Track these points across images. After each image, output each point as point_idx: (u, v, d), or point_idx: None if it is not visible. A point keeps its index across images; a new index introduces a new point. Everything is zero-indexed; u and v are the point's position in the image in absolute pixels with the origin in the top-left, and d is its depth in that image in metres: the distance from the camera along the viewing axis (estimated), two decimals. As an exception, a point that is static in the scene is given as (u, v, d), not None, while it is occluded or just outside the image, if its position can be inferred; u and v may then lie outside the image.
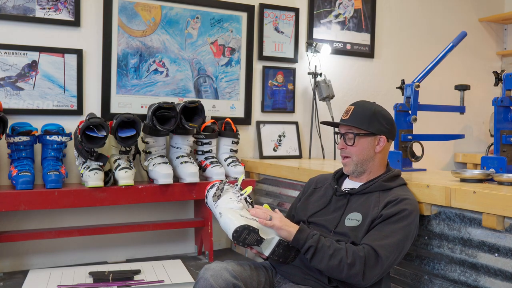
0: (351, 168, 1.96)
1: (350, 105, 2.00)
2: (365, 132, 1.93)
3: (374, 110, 1.96)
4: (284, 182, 3.10)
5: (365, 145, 1.93)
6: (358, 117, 1.93)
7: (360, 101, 2.01)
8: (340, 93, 3.88)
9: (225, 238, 3.52)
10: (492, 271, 1.76)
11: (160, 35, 3.27)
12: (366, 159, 1.94)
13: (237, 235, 1.67)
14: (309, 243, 1.71)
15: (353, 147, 1.93)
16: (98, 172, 2.78)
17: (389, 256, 1.74)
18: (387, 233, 1.76)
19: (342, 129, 1.98)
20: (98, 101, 3.12)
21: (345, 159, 1.97)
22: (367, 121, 1.92)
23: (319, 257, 1.71)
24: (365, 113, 1.94)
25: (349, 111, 1.96)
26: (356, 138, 1.92)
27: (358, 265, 1.69)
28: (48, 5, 2.98)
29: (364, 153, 1.94)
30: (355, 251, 1.71)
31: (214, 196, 1.87)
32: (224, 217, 1.75)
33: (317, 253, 1.71)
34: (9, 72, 2.91)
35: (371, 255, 1.72)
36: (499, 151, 2.19)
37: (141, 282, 2.59)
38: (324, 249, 1.71)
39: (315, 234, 1.74)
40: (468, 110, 2.88)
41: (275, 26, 3.67)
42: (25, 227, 2.94)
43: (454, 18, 4.41)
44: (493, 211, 1.73)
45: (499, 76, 2.34)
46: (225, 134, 3.28)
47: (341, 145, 1.97)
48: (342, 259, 1.69)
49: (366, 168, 1.96)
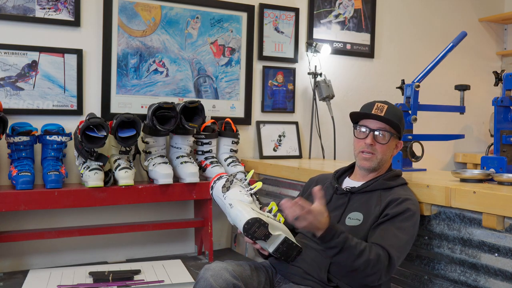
0: (374, 165, 1.92)
1: (379, 102, 1.92)
2: (398, 134, 1.93)
3: (402, 114, 1.96)
4: (284, 182, 3.10)
5: (391, 146, 1.93)
6: (394, 117, 1.89)
7: (388, 102, 1.95)
8: (340, 93, 3.88)
9: (225, 238, 3.52)
10: (492, 271, 1.76)
11: (160, 35, 3.27)
12: (386, 160, 1.94)
13: (248, 227, 1.66)
14: (335, 243, 1.66)
15: (383, 146, 1.90)
16: (98, 172, 2.78)
17: (400, 256, 1.75)
18: (394, 233, 1.76)
19: (374, 125, 1.90)
20: (98, 101, 3.12)
21: (368, 155, 1.91)
22: (400, 124, 1.91)
23: (344, 257, 1.67)
24: (398, 115, 1.93)
25: (383, 109, 1.89)
26: (391, 138, 1.91)
27: (379, 265, 1.69)
28: (48, 5, 2.98)
29: (388, 153, 1.93)
30: (377, 251, 1.69)
31: (224, 187, 1.86)
32: (235, 208, 1.75)
33: (342, 253, 1.66)
34: (9, 72, 2.91)
35: (385, 255, 1.71)
36: (499, 151, 2.19)
37: (141, 282, 2.59)
38: (350, 250, 1.66)
39: (343, 232, 1.67)
40: (468, 110, 2.88)
41: (275, 26, 3.67)
42: (25, 227, 2.94)
43: (454, 18, 4.41)
44: (493, 211, 1.73)
45: (499, 76, 2.34)
46: (225, 134, 3.28)
47: (371, 141, 1.90)
48: (368, 260, 1.66)
49: (382, 168, 1.95)
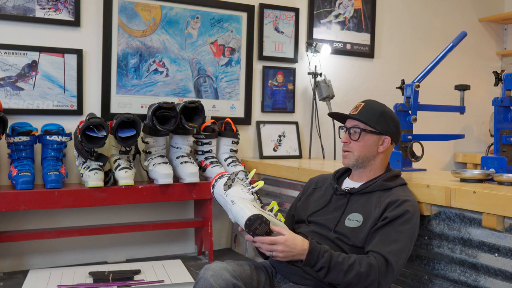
0: (351, 162, 1.96)
1: (360, 101, 1.99)
2: (371, 130, 1.93)
3: (384, 110, 1.96)
4: (284, 182, 3.10)
5: (369, 142, 1.93)
6: (367, 114, 1.93)
7: (370, 100, 2.01)
8: (340, 93, 3.88)
9: (225, 238, 3.52)
10: (492, 271, 1.76)
11: (160, 35, 3.27)
12: (367, 157, 1.94)
13: (250, 223, 1.68)
14: (321, 264, 1.69)
15: (357, 142, 1.93)
16: (98, 172, 2.78)
17: (398, 261, 1.75)
18: (394, 237, 1.76)
19: (349, 123, 1.97)
20: (98, 101, 3.12)
21: (346, 152, 1.97)
22: (375, 119, 1.93)
23: (334, 275, 1.69)
24: (374, 111, 1.94)
25: (359, 107, 1.95)
26: (362, 134, 1.92)
27: (373, 275, 1.69)
28: (48, 5, 2.98)
29: (367, 150, 1.93)
30: (368, 262, 1.70)
31: (225, 185, 1.87)
32: (237, 205, 1.76)
33: (331, 272, 1.69)
34: (9, 72, 2.91)
35: (382, 263, 1.71)
36: (499, 151, 2.19)
37: (141, 282, 2.59)
38: (337, 266, 1.69)
39: (326, 251, 1.70)
40: (468, 110, 2.88)
41: (275, 26, 3.67)
42: (25, 227, 2.94)
43: (454, 18, 4.41)
44: (493, 211, 1.73)
45: (499, 76, 2.34)
46: (225, 134, 3.28)
47: (345, 139, 1.96)
48: (358, 272, 1.68)
49: (367, 165, 1.96)
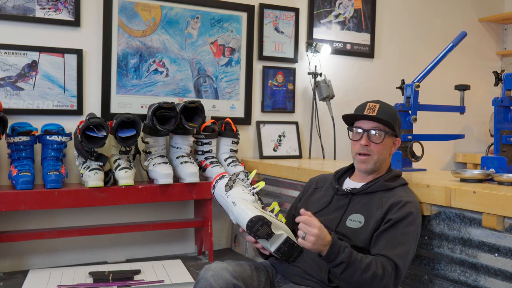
0: (370, 166, 1.90)
1: (371, 101, 1.93)
2: (392, 132, 1.92)
3: (396, 111, 1.96)
4: (284, 182, 3.10)
5: (387, 145, 1.92)
6: (386, 115, 1.89)
7: (380, 100, 1.96)
8: (340, 93, 3.88)
9: (225, 238, 3.52)
10: (492, 271, 1.76)
11: (160, 35, 3.27)
12: (384, 159, 1.92)
13: (252, 224, 1.67)
14: (341, 259, 1.64)
15: (378, 145, 1.89)
16: (98, 172, 2.78)
17: (405, 263, 1.75)
18: (400, 240, 1.75)
19: (367, 125, 1.90)
20: (98, 101, 3.12)
21: (364, 156, 1.90)
22: (393, 121, 1.91)
23: (351, 272, 1.65)
24: (391, 111, 1.92)
25: (375, 108, 1.89)
26: (386, 136, 1.89)
27: (386, 278, 1.68)
28: (48, 5, 2.98)
29: (385, 152, 1.91)
30: (383, 264, 1.69)
31: (226, 186, 1.87)
32: (238, 206, 1.76)
33: (349, 268, 1.65)
34: (9, 72, 2.91)
35: (392, 266, 1.71)
36: (499, 151, 2.19)
37: (141, 282, 2.59)
38: (356, 264, 1.65)
39: (347, 247, 1.67)
40: (468, 110, 2.88)
41: (275, 26, 3.67)
42: (25, 227, 2.94)
43: (454, 18, 4.41)
44: (493, 211, 1.73)
45: (499, 76, 2.34)
46: (225, 134, 3.28)
47: (366, 141, 1.89)
48: (375, 273, 1.66)
49: (381, 168, 1.93)
